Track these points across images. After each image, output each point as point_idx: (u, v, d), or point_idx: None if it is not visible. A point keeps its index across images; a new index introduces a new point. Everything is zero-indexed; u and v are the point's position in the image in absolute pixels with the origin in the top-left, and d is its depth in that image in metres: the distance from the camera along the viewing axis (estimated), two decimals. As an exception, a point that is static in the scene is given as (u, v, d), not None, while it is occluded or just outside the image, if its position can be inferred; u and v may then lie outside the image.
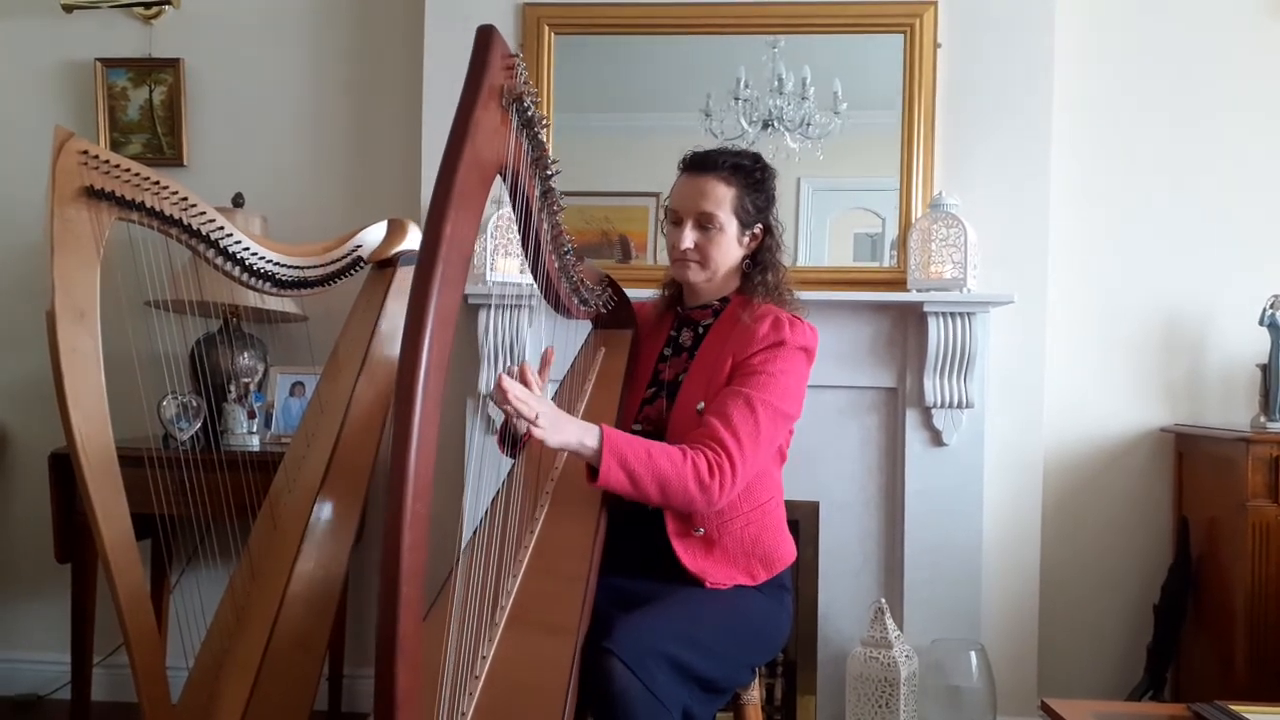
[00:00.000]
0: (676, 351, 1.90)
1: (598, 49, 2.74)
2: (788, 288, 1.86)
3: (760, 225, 1.84)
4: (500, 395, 1.45)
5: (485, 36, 1.21)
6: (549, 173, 1.51)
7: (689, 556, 1.71)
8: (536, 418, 1.47)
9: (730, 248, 1.82)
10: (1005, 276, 2.60)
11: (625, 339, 1.99)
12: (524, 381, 1.57)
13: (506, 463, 1.79)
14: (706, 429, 1.66)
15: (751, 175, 1.82)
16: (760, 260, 1.85)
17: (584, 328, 2.08)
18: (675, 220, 1.83)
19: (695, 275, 1.84)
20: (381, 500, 2.31)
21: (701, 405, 1.74)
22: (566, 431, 1.53)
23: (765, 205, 1.84)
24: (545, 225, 1.59)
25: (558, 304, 1.84)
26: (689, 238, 1.80)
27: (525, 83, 1.29)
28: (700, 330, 1.88)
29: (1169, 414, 2.77)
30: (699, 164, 1.83)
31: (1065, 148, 2.73)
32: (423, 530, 1.02)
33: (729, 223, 1.80)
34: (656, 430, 1.79)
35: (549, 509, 1.69)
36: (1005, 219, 2.62)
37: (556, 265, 1.71)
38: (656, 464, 1.57)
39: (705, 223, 1.80)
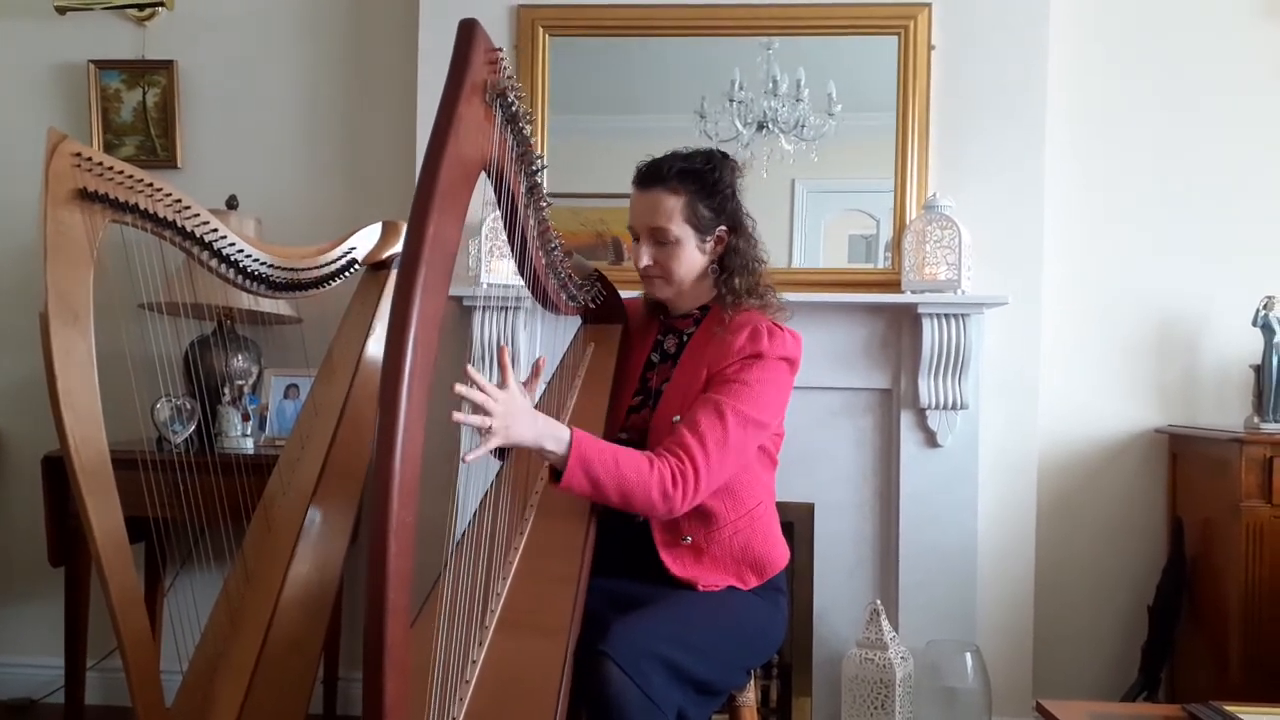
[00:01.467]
0: (663, 359, 1.88)
1: (592, 51, 2.73)
2: (767, 287, 1.80)
3: (723, 228, 1.78)
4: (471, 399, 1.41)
5: (467, 31, 1.20)
6: (534, 168, 1.49)
7: (678, 565, 1.71)
8: (490, 427, 1.42)
9: (691, 258, 1.77)
10: (1000, 278, 2.60)
11: (615, 334, 1.98)
12: (501, 365, 1.50)
13: (496, 465, 1.78)
14: (675, 436, 1.65)
15: (701, 179, 1.75)
16: (727, 265, 1.79)
17: (577, 327, 2.08)
18: (635, 237, 1.80)
19: (662, 291, 1.81)
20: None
21: (677, 419, 1.71)
22: (521, 430, 1.47)
23: (722, 206, 1.77)
24: (531, 221, 1.58)
25: (545, 300, 1.82)
26: (646, 255, 1.77)
27: (509, 78, 1.27)
28: (684, 338, 1.86)
29: (1163, 415, 2.77)
30: (645, 178, 1.77)
31: (1059, 149, 2.72)
32: (409, 538, 1.01)
33: (684, 233, 1.75)
34: (641, 439, 1.77)
35: (538, 510, 1.68)
36: (999, 220, 2.62)
37: (544, 261, 1.69)
38: (622, 473, 1.55)
39: (659, 238, 1.75)
